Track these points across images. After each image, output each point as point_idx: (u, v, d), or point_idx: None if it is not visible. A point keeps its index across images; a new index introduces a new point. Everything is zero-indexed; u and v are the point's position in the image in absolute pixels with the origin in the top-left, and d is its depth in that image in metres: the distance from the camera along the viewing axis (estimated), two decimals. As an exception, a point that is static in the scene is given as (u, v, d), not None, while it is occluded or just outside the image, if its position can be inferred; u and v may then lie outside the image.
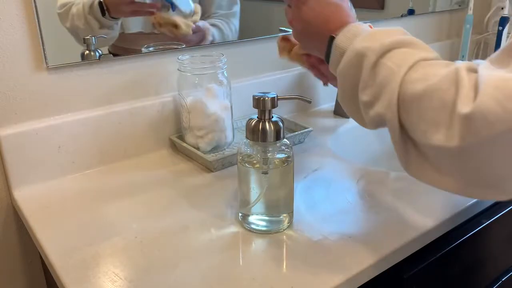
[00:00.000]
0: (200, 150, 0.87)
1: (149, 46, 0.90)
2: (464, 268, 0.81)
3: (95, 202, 0.75)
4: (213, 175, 0.83)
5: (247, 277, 0.57)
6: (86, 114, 0.84)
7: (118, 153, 0.88)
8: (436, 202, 0.71)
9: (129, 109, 0.88)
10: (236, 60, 1.02)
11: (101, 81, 0.85)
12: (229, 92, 0.89)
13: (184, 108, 0.87)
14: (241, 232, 0.67)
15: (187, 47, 0.94)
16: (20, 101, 0.78)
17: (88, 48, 0.83)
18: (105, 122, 0.85)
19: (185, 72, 0.86)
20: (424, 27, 1.44)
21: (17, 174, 0.78)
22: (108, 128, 0.86)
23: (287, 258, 0.61)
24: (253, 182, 0.65)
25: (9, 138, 0.77)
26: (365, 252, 0.61)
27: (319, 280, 0.56)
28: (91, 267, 0.60)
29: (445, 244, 0.73)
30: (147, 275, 0.58)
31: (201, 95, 0.86)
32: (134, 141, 0.89)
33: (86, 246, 0.64)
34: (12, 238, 0.85)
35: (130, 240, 0.65)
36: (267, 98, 0.62)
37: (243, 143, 0.65)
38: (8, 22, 0.74)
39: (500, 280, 0.90)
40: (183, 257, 0.61)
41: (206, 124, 0.85)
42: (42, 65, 0.79)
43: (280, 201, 0.66)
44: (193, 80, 0.86)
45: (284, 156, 0.65)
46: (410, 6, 1.36)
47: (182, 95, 0.87)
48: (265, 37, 1.05)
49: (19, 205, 0.75)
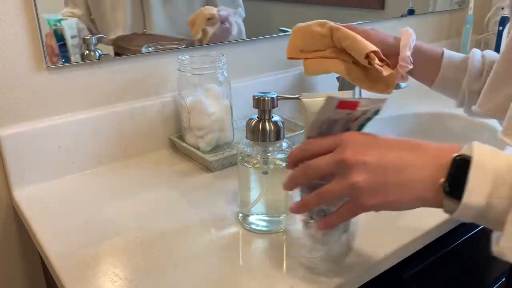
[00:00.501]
0: (200, 150, 0.87)
1: (149, 46, 0.90)
2: (464, 268, 0.81)
3: (95, 202, 0.75)
4: (213, 175, 0.83)
5: (247, 277, 0.57)
6: (86, 114, 0.84)
7: (118, 153, 0.88)
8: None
9: (129, 109, 0.88)
10: (236, 60, 1.02)
11: (101, 81, 0.85)
12: (229, 92, 0.89)
13: (184, 108, 0.87)
14: (241, 232, 0.67)
15: (187, 47, 0.94)
16: (20, 101, 0.78)
17: (88, 48, 0.83)
18: (105, 122, 0.85)
19: (185, 72, 0.86)
20: (424, 27, 1.44)
21: (17, 174, 0.78)
22: (108, 128, 0.86)
23: (287, 258, 0.61)
24: (253, 182, 0.65)
25: (9, 138, 0.77)
26: (365, 252, 0.61)
27: (319, 280, 0.56)
28: (91, 267, 0.60)
29: (445, 244, 0.73)
30: (147, 275, 0.58)
31: (201, 95, 0.86)
32: (134, 141, 0.89)
33: (86, 246, 0.64)
34: (12, 238, 0.85)
35: (130, 240, 0.65)
36: (267, 98, 0.62)
37: (243, 143, 0.65)
38: (8, 22, 0.74)
39: (500, 280, 0.90)
40: (183, 257, 0.61)
41: (206, 124, 0.85)
42: (42, 65, 0.79)
43: (280, 201, 0.66)
44: (193, 80, 0.86)
45: (284, 156, 0.65)
46: (410, 6, 1.36)
47: (182, 95, 0.87)
48: (265, 37, 1.05)
49: (19, 205, 0.75)
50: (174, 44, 0.93)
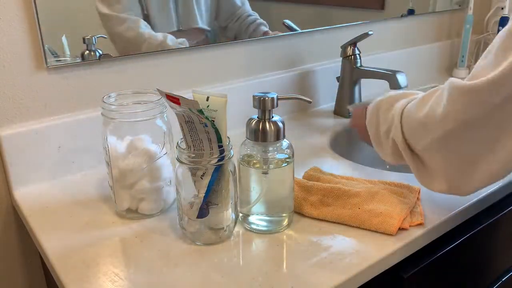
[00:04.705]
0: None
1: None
2: (464, 268, 0.81)
3: (95, 202, 0.75)
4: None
5: (247, 277, 0.57)
6: (86, 114, 0.84)
7: (118, 153, 0.88)
8: (436, 202, 0.71)
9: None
10: (236, 60, 1.02)
11: (101, 81, 0.85)
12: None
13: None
14: (241, 232, 0.67)
15: (188, 47, 0.94)
16: (20, 101, 0.78)
17: (88, 48, 0.83)
18: (105, 122, 0.85)
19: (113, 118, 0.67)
20: (424, 27, 1.44)
21: (17, 174, 0.78)
22: (108, 128, 0.86)
23: (287, 258, 0.61)
24: (253, 182, 0.65)
25: (9, 138, 0.77)
26: (365, 252, 0.61)
27: (319, 280, 0.56)
28: (91, 267, 0.60)
29: (445, 244, 0.73)
30: (147, 275, 0.58)
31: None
32: (134, 141, 0.89)
33: (86, 246, 0.64)
34: (12, 238, 0.85)
35: (130, 240, 0.65)
36: (267, 98, 0.62)
37: (244, 143, 0.65)
38: (8, 22, 0.74)
39: (500, 280, 0.90)
40: (183, 257, 0.61)
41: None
42: (42, 65, 0.79)
43: (280, 201, 0.66)
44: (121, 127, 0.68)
45: (284, 156, 0.65)
46: (410, 6, 1.36)
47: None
48: (265, 37, 1.05)
49: (19, 205, 0.75)
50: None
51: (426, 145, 0.62)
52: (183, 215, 0.64)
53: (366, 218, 0.66)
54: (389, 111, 0.71)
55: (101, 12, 0.82)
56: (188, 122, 0.58)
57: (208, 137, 0.59)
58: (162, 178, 0.70)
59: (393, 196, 0.70)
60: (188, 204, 0.62)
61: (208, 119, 0.57)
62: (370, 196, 0.69)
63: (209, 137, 0.59)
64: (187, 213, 0.63)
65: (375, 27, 1.27)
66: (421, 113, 0.63)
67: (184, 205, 0.63)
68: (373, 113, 0.75)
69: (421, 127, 0.63)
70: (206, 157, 0.60)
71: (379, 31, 1.28)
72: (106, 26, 0.84)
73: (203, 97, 0.59)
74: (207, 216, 0.62)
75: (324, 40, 1.17)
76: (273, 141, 0.63)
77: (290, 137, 0.68)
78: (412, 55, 1.40)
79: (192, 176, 0.61)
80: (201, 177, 0.60)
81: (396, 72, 1.02)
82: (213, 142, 0.59)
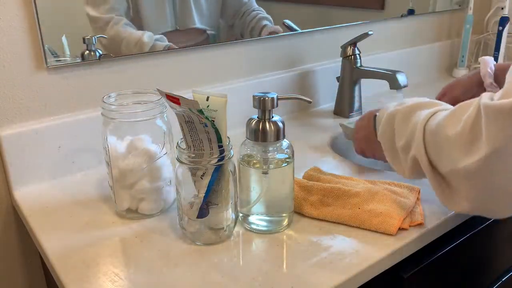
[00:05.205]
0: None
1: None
2: (464, 268, 0.81)
3: (95, 202, 0.75)
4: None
5: (247, 277, 0.57)
6: (86, 114, 0.84)
7: (118, 153, 0.88)
8: (436, 202, 0.71)
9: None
10: (236, 60, 1.02)
11: (101, 81, 0.85)
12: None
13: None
14: (241, 232, 0.67)
15: (187, 47, 0.94)
16: (20, 101, 0.78)
17: (88, 48, 0.83)
18: (105, 122, 0.85)
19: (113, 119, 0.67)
20: (424, 27, 1.44)
21: (17, 174, 0.78)
22: (108, 128, 0.86)
23: (287, 258, 0.61)
24: (253, 182, 0.65)
25: (9, 138, 0.77)
26: (365, 252, 0.61)
27: (319, 280, 0.56)
28: (91, 267, 0.60)
29: (445, 244, 0.73)
30: (147, 275, 0.58)
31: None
32: (134, 141, 0.89)
33: (86, 246, 0.64)
34: (12, 238, 0.85)
35: (130, 240, 0.65)
36: (267, 98, 0.62)
37: (244, 143, 0.65)
38: (8, 22, 0.74)
39: (500, 280, 0.90)
40: (183, 257, 0.61)
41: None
42: (42, 65, 0.79)
43: (280, 201, 0.66)
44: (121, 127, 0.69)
45: (284, 156, 0.65)
46: (410, 6, 1.36)
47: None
48: (265, 37, 1.05)
49: (19, 205, 0.75)
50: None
51: (456, 170, 0.56)
52: (183, 215, 0.64)
53: (366, 218, 0.66)
54: (406, 123, 0.66)
55: (88, 14, 0.82)
56: (188, 122, 0.58)
57: (208, 137, 0.59)
58: (162, 178, 0.70)
59: (393, 196, 0.70)
60: (188, 204, 0.62)
61: (208, 119, 0.57)
62: (370, 196, 0.69)
63: (209, 137, 0.59)
64: (187, 213, 0.63)
65: (375, 27, 1.27)
66: (450, 133, 0.57)
67: (184, 205, 0.63)
68: (387, 124, 0.70)
69: (452, 149, 0.57)
70: (206, 157, 0.60)
71: (379, 31, 1.28)
72: (94, 28, 0.83)
73: (203, 97, 0.59)
74: (207, 216, 0.62)
75: (324, 40, 1.17)
76: (273, 141, 0.63)
77: (290, 137, 0.68)
78: (412, 55, 1.40)
79: (192, 176, 0.61)
80: (201, 177, 0.60)
81: (396, 72, 1.02)
82: (213, 142, 0.59)
